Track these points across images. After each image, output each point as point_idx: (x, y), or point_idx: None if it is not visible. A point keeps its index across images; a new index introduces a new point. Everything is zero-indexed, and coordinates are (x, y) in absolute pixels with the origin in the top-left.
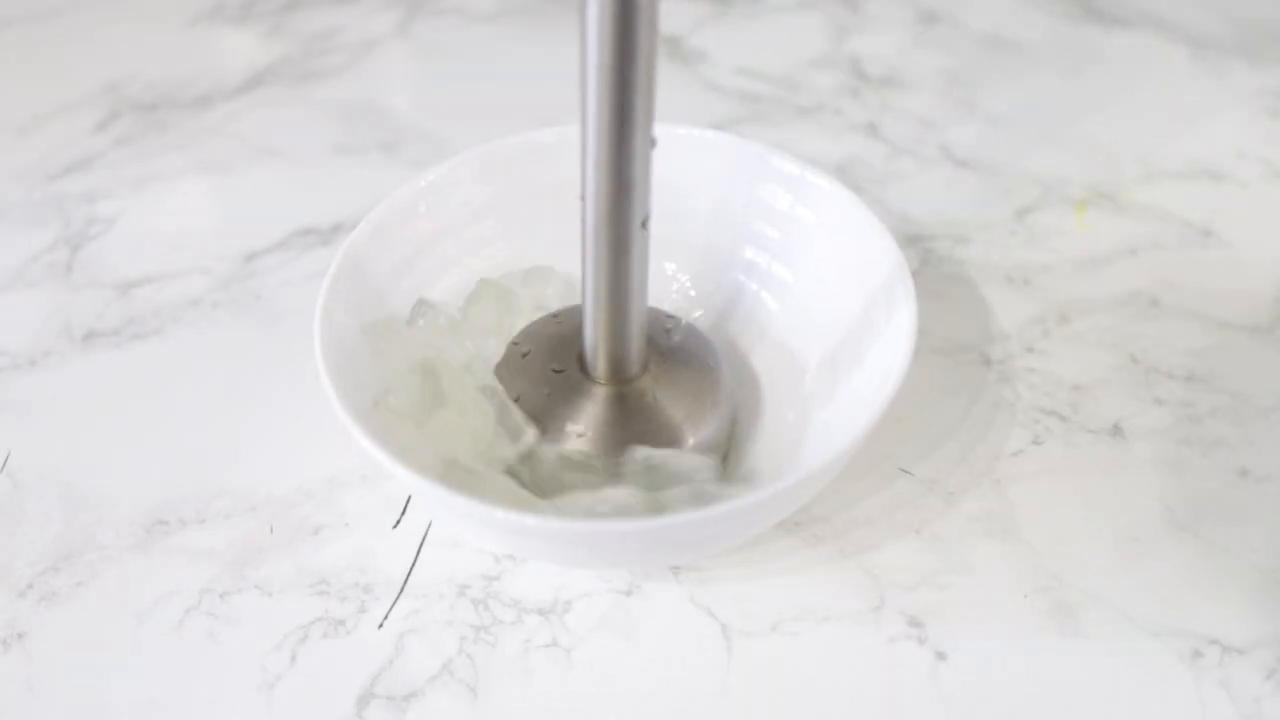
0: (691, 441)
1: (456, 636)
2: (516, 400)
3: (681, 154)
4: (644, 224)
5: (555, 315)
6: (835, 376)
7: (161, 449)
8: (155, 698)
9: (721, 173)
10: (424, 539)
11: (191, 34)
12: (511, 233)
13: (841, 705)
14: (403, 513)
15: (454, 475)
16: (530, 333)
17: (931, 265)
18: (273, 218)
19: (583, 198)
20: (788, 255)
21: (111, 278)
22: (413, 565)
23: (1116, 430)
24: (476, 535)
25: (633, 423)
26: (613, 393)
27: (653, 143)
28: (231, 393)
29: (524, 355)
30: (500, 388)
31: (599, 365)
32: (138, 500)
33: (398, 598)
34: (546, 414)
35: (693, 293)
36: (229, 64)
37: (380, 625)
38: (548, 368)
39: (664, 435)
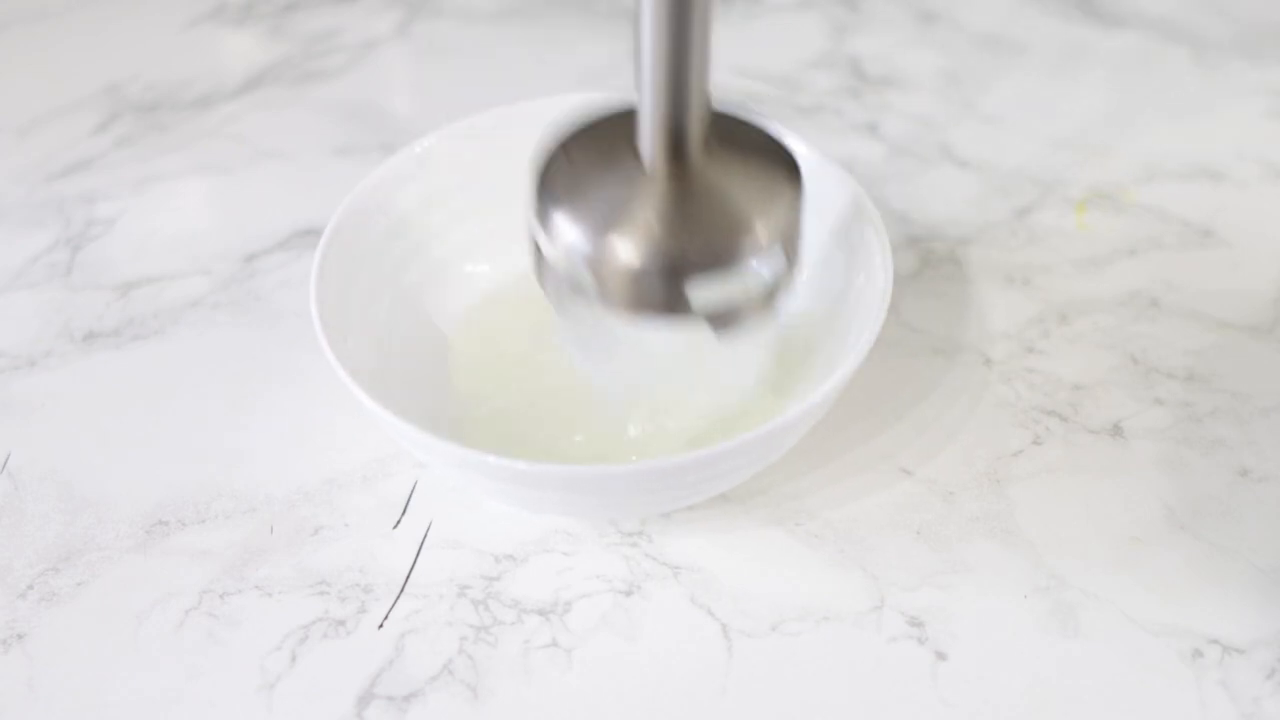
0: (761, 228)
1: (457, 637)
2: (568, 205)
3: None
4: None
5: (607, 117)
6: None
7: (161, 449)
8: (155, 698)
9: None
10: (424, 539)
11: (191, 34)
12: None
13: (841, 705)
14: (403, 513)
15: None
16: (575, 135)
17: (931, 265)
18: (273, 218)
19: None
20: None
21: (111, 279)
22: (413, 566)
23: (1116, 430)
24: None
25: (698, 211)
26: (673, 184)
27: None
28: (231, 393)
29: (570, 159)
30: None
31: (656, 145)
32: (138, 501)
33: (398, 598)
34: (603, 215)
35: None
36: (229, 65)
37: (380, 625)
38: (599, 165)
39: (731, 222)
